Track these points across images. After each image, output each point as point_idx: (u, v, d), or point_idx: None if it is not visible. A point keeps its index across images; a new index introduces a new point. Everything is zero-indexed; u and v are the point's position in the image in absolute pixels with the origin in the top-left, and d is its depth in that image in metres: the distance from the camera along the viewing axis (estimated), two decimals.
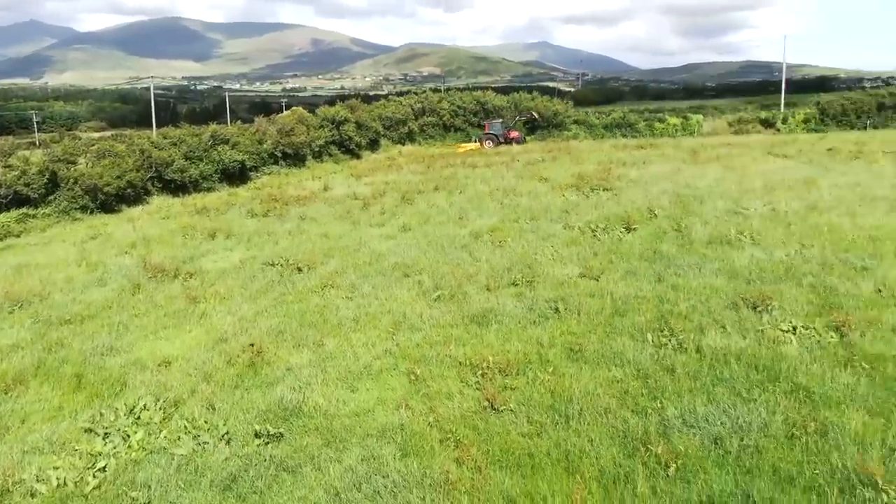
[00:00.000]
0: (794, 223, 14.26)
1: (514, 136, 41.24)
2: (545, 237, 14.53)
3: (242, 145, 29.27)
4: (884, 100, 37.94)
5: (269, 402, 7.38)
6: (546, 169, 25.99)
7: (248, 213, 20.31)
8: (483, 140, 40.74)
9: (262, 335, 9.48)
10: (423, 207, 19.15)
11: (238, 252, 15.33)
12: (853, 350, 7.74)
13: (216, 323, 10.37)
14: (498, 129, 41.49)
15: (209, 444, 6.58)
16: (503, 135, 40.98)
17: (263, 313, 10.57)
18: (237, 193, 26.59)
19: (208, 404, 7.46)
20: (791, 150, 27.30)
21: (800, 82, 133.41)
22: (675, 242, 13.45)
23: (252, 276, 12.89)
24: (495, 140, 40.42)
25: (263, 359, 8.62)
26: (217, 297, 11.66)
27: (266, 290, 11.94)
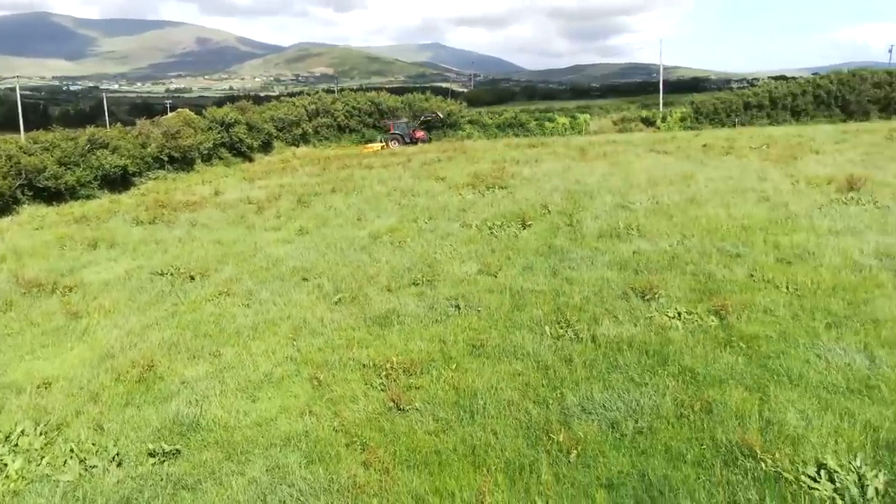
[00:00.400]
0: (675, 215, 15.13)
1: (420, 135, 41.39)
2: (444, 236, 14.67)
3: (124, 149, 27.67)
4: (749, 99, 41.06)
5: (164, 418, 7.03)
6: (442, 169, 26.24)
7: (133, 220, 19.26)
8: (389, 140, 40.63)
9: (154, 349, 9.02)
10: (320, 210, 18.85)
11: (123, 262, 14.51)
12: (731, 332, 8.31)
13: (101, 338, 9.77)
14: (403, 130, 41.50)
15: (98, 467, 6.19)
16: (409, 135, 41.03)
17: (154, 326, 10.06)
18: (120, 200, 25.16)
19: (96, 425, 7.02)
20: (671, 147, 28.93)
21: (675, 83, 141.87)
22: (568, 237, 13.95)
23: (140, 288, 12.24)
24: (401, 140, 40.42)
25: (156, 373, 8.21)
26: (101, 311, 10.98)
27: (156, 302, 11.37)
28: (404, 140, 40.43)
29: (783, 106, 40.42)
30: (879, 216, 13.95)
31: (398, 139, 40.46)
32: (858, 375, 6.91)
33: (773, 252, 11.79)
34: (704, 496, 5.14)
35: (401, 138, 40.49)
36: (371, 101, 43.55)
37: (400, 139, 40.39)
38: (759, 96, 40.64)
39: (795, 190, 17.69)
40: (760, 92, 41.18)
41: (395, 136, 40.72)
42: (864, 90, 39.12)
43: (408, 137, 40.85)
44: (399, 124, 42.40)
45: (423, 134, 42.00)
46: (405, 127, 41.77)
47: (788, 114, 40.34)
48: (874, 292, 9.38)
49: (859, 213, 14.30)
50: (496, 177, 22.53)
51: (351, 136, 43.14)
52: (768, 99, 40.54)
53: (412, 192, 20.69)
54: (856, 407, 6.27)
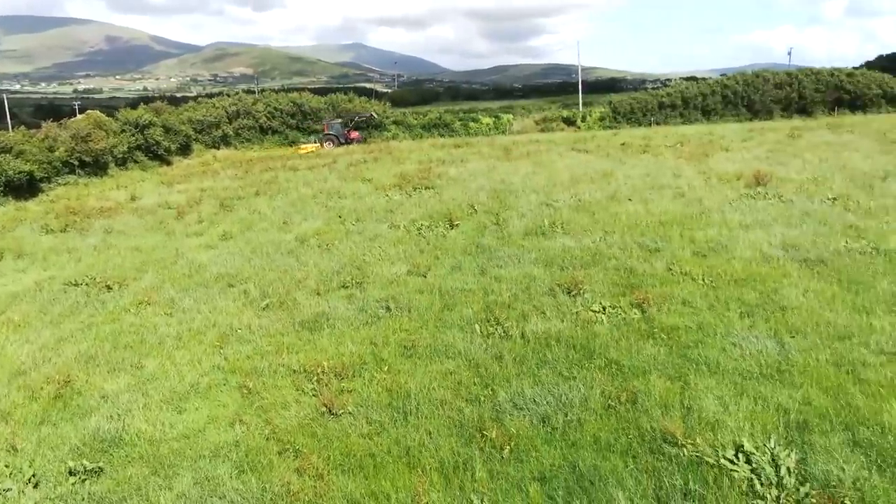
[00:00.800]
0: (597, 212, 15.58)
1: (355, 136, 40.98)
2: (372, 238, 14.61)
3: (29, 153, 26.15)
4: (663, 100, 42.74)
5: (83, 434, 6.72)
6: (369, 170, 26.10)
7: (43, 228, 18.27)
8: (323, 141, 40.03)
9: (70, 363, 8.61)
10: (244, 214, 18.41)
11: (32, 273, 13.76)
12: (653, 324, 8.65)
13: (11, 354, 9.24)
14: (338, 130, 40.99)
15: (13, 490, 5.86)
16: (344, 135, 40.57)
17: (69, 339, 9.59)
18: (27, 208, 23.80)
19: (9, 446, 6.64)
20: (591, 146, 29.76)
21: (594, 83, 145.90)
22: (495, 236, 14.15)
23: (52, 299, 11.64)
24: (335, 141, 39.92)
25: (73, 389, 7.84)
26: (10, 326, 10.39)
27: (71, 314, 10.84)
28: (339, 141, 40.05)
29: (694, 106, 42.28)
30: (784, 210, 14.80)
31: (333, 140, 40.03)
32: (770, 361, 7.32)
33: (689, 246, 12.32)
34: (632, 484, 5.34)
35: (335, 139, 40.07)
36: (293, 102, 42.69)
37: (335, 140, 39.97)
38: (672, 96, 42.36)
39: (708, 186, 18.53)
40: (673, 92, 42.93)
41: (330, 137, 40.26)
42: (766, 90, 41.37)
43: (342, 138, 40.48)
44: (333, 125, 41.95)
45: (358, 134, 41.69)
46: (340, 128, 41.37)
47: (700, 113, 42.22)
48: (782, 282, 9.95)
49: (766, 208, 15.12)
50: (423, 177, 22.59)
51: (273, 137, 42.20)
52: (681, 99, 42.32)
53: (339, 194, 20.49)
54: (768, 391, 6.65)
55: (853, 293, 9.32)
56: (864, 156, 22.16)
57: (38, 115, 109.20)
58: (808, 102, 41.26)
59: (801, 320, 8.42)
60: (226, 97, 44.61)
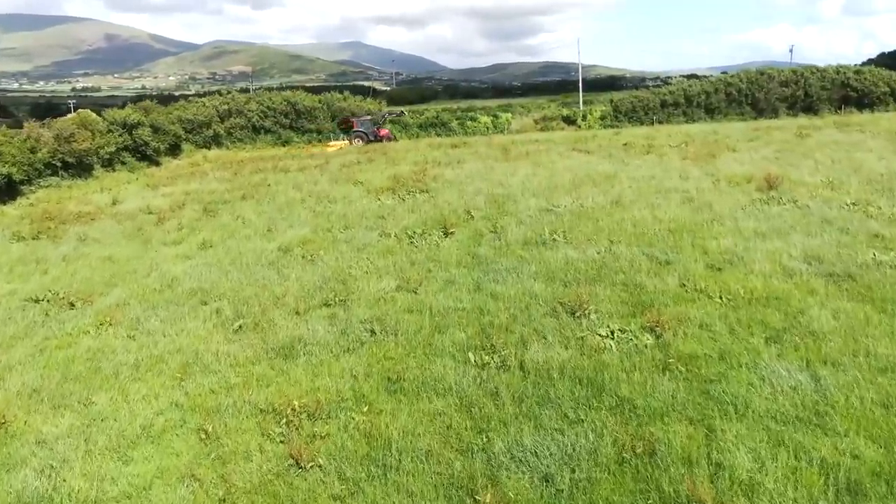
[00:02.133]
0: (601, 219, 14.62)
1: (385, 133, 39.67)
2: (360, 247, 13.65)
3: (9, 155, 25.13)
4: (666, 98, 41.68)
5: (5, 495, 5.75)
6: (362, 171, 25.10)
7: (14, 236, 17.26)
8: (352, 138, 38.85)
9: (11, 398, 7.64)
10: (227, 220, 17.43)
11: None
12: (668, 351, 7.70)
13: None
14: (367, 127, 39.59)
15: None
16: (373, 132, 39.39)
17: (16, 367, 8.61)
18: (3, 212, 22.78)
19: None
20: (592, 146, 28.76)
21: (593, 81, 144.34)
22: (493, 245, 13.20)
23: (7, 318, 10.67)
24: (364, 138, 38.72)
25: (7, 432, 6.88)
26: None
27: (25, 335, 9.87)
28: (368, 138, 38.88)
29: (698, 104, 41.24)
30: (801, 216, 13.85)
31: (362, 137, 38.80)
32: (806, 401, 6.37)
33: (702, 258, 11.38)
34: None
35: (364, 136, 38.87)
36: (287, 101, 41.50)
37: (364, 137, 38.79)
38: (674, 95, 41.30)
39: (717, 189, 17.58)
40: (676, 90, 41.88)
41: (360, 134, 38.96)
42: (771, 88, 40.40)
43: (371, 135, 39.34)
44: (363, 121, 40.51)
45: (388, 132, 40.37)
46: (370, 125, 40.16)
47: (703, 111, 41.20)
48: (808, 301, 9.00)
49: (781, 214, 14.17)
50: (417, 179, 21.62)
51: (267, 137, 41.01)
52: (683, 97, 41.27)
53: (328, 198, 19.52)
54: (809, 441, 5.70)
55: (889, 315, 8.38)
56: (877, 156, 21.21)
57: (35, 113, 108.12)
58: (813, 100, 40.27)
59: (835, 348, 7.48)
60: (217, 96, 43.43)
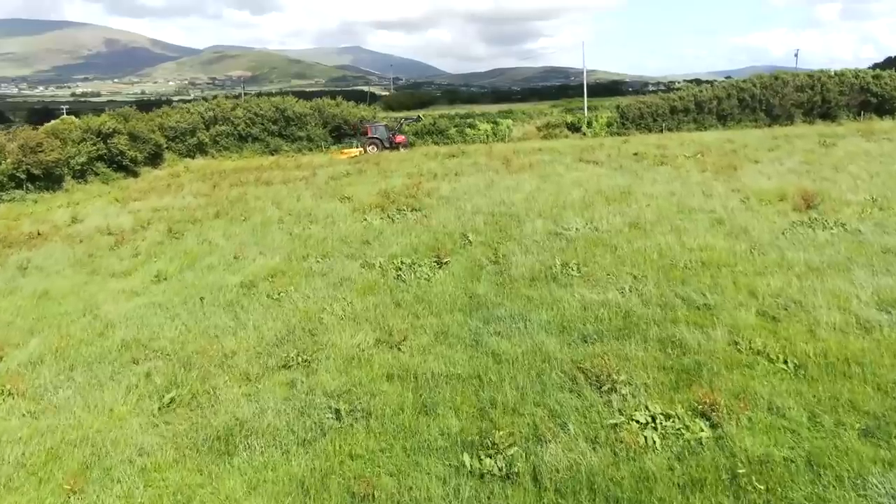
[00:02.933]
0: (620, 247, 12.58)
1: (401, 140, 37.67)
2: (338, 282, 11.60)
3: None
4: (675, 104, 39.53)
5: None
6: (350, 185, 23.07)
7: None
8: (367, 145, 36.88)
9: None
10: (191, 244, 15.36)
11: None
12: (734, 452, 5.69)
13: None
14: (383, 134, 37.58)
15: None
16: (389, 139, 37.39)
17: None
18: None
19: None
20: (601, 156, 26.73)
21: (595, 86, 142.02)
22: (494, 280, 11.17)
23: None
24: (380, 145, 36.74)
25: None
26: None
27: None
28: (383, 145, 36.93)
29: (709, 110, 39.12)
30: (856, 245, 11.79)
31: (377, 144, 36.85)
32: None
33: (750, 301, 9.33)
34: None
35: (380, 143, 36.89)
36: (275, 107, 39.23)
37: (379, 144, 36.79)
38: (685, 100, 39.15)
39: (748, 209, 15.54)
40: (686, 96, 39.73)
41: (374, 141, 36.94)
42: (787, 94, 38.35)
43: (387, 142, 37.42)
44: (378, 127, 38.32)
45: (404, 138, 38.42)
46: (385, 131, 38.22)
47: (714, 118, 39.09)
48: None
49: (832, 241, 12.12)
50: (410, 195, 19.59)
51: (254, 145, 38.67)
52: (694, 103, 39.13)
53: (309, 217, 17.47)
54: None
55: None
56: None
57: (31, 118, 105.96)
58: (831, 106, 38.15)
59: None
60: (203, 102, 41.34)
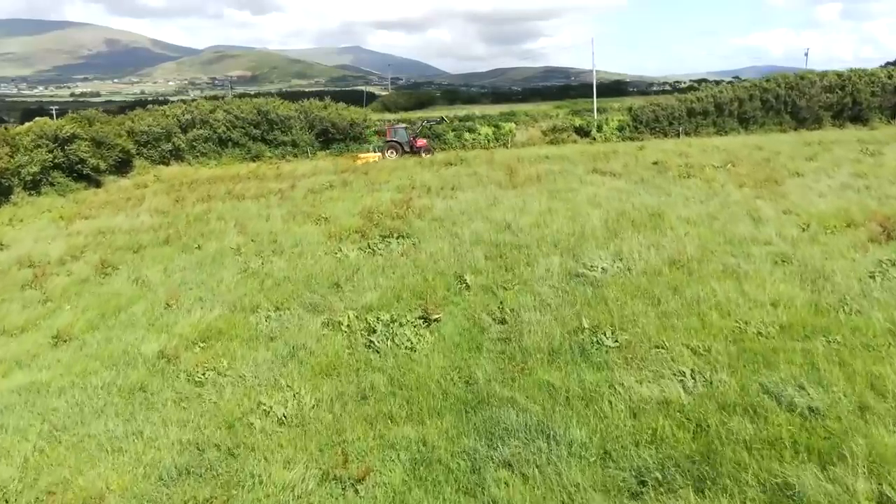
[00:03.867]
0: (662, 297, 9.58)
1: (422, 144, 34.32)
2: (289, 354, 8.59)
3: None
4: (693, 105, 36.19)
5: None
6: (331, 200, 20.00)
7: None
8: (385, 150, 33.77)
9: None
10: (119, 285, 12.31)
11: None
12: None
13: None
14: (402, 137, 34.48)
15: None
16: (409, 143, 34.25)
17: None
18: None
19: None
20: (616, 166, 23.67)
21: (598, 86, 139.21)
22: (500, 353, 8.20)
23: None
24: (399, 149, 33.57)
25: None
26: None
27: None
28: (403, 149, 33.69)
29: (729, 112, 35.82)
30: None
31: (396, 148, 33.64)
32: None
33: (877, 403, 6.32)
34: None
35: (399, 147, 33.70)
36: (258, 109, 35.77)
37: (398, 148, 33.63)
38: (703, 102, 35.78)
39: (813, 240, 12.52)
40: (705, 97, 36.34)
41: (393, 145, 33.86)
42: (814, 95, 35.22)
43: (407, 146, 34.07)
44: (398, 130, 35.44)
45: (425, 142, 34.99)
46: (404, 133, 35.05)
47: (735, 121, 35.83)
48: None
49: None
50: (398, 215, 16.57)
51: (235, 150, 35.25)
52: (713, 105, 35.87)
53: (274, 246, 14.44)
54: None
55: None
56: None
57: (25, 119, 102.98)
58: (862, 108, 35.01)
59: None
60: (179, 104, 38.01)
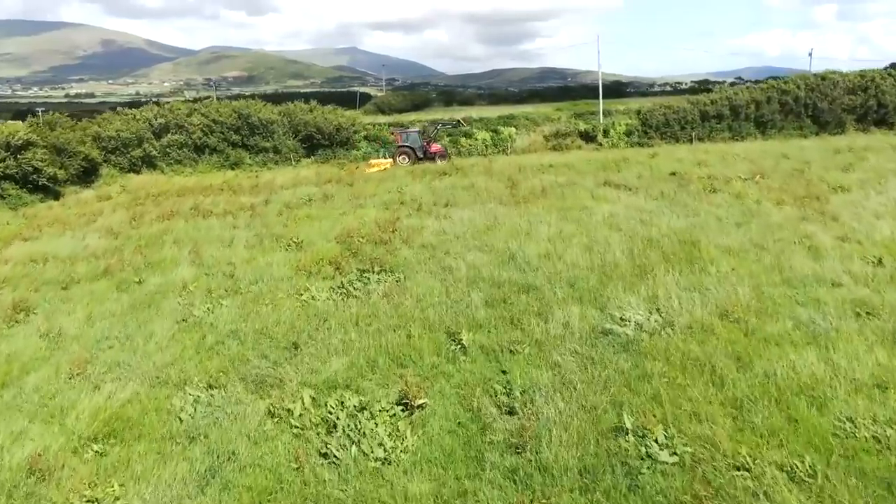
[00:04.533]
0: (726, 376, 7.10)
1: (437, 149, 31.69)
2: (209, 469, 6.06)
3: None
4: (706, 108, 33.63)
5: None
6: (308, 218, 17.47)
7: None
8: (396, 155, 31.08)
9: None
10: (24, 340, 9.76)
11: None
12: None
13: None
14: (415, 141, 31.81)
15: None
16: (422, 148, 31.50)
17: None
18: None
19: None
20: (630, 177, 21.18)
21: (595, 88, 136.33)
22: (508, 479, 5.70)
23: None
24: (411, 155, 30.82)
25: None
26: None
27: None
28: (416, 155, 30.96)
29: (746, 116, 33.31)
30: None
31: (408, 154, 30.93)
32: None
33: None
34: None
35: (411, 153, 30.88)
36: (237, 113, 32.87)
37: (411, 154, 30.93)
38: (717, 105, 33.15)
39: (892, 279, 10.05)
40: (719, 99, 33.59)
41: (405, 150, 31.03)
42: (836, 97, 32.81)
43: (420, 151, 31.30)
44: (410, 134, 32.71)
45: (441, 147, 32.22)
46: (417, 138, 32.13)
47: (752, 125, 33.33)
48: None
49: None
50: (381, 240, 14.06)
51: (212, 157, 32.25)
52: (728, 108, 33.38)
53: (230, 282, 11.93)
54: None
55: None
56: None
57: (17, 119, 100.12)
58: (888, 111, 32.63)
59: None
60: (153, 106, 35.17)
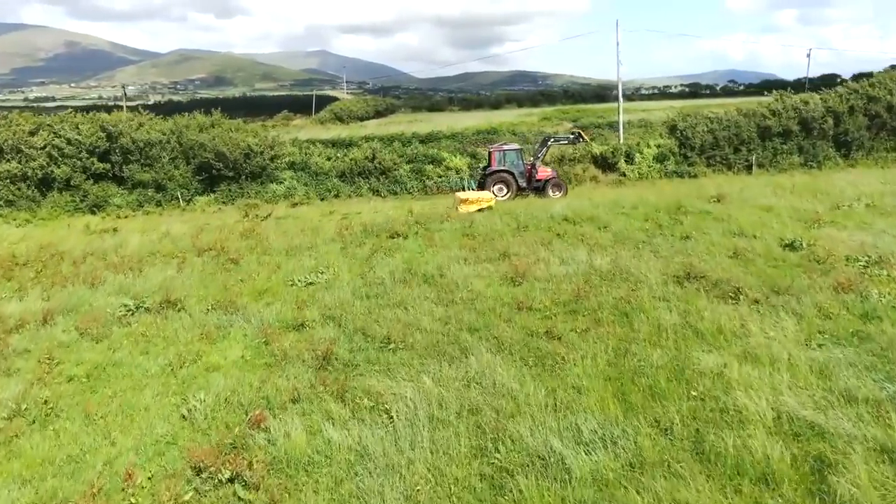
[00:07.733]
0: None
1: (547, 175, 22.50)
2: None
3: None
4: (768, 122, 24.45)
5: None
6: (125, 360, 7.96)
7: None
8: (490, 185, 21.65)
9: None
10: None
11: None
12: None
13: None
14: (515, 163, 22.30)
15: None
16: (525, 174, 22.24)
17: None
18: None
19: None
20: (700, 248, 11.94)
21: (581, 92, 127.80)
22: None
23: None
24: (512, 185, 21.73)
25: None
26: None
27: None
28: (518, 184, 21.90)
29: (820, 132, 24.44)
30: None
31: (507, 182, 21.72)
32: None
33: None
34: None
35: (512, 181, 21.73)
36: (102, 129, 22.61)
37: (510, 181, 21.71)
38: (782, 117, 24.04)
39: None
40: (783, 109, 24.70)
41: (503, 177, 21.73)
42: None
43: (523, 178, 22.19)
44: (507, 153, 22.79)
45: (552, 172, 23.02)
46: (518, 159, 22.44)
47: (830, 144, 24.49)
48: None
49: None
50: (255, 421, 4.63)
51: (63, 196, 22.24)
52: (797, 121, 24.33)
53: None
54: None
55: None
56: None
57: None
58: None
59: None
60: None
